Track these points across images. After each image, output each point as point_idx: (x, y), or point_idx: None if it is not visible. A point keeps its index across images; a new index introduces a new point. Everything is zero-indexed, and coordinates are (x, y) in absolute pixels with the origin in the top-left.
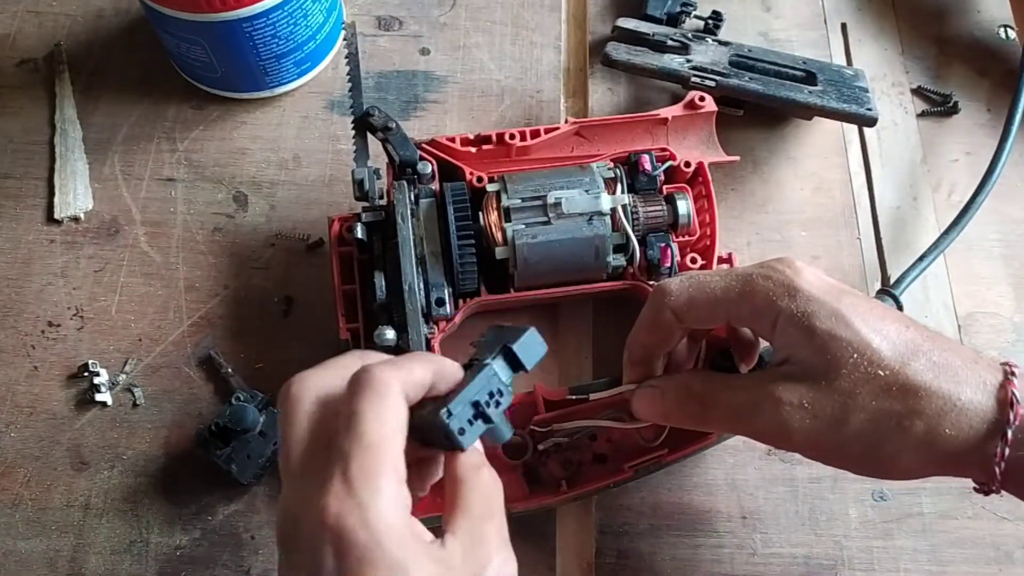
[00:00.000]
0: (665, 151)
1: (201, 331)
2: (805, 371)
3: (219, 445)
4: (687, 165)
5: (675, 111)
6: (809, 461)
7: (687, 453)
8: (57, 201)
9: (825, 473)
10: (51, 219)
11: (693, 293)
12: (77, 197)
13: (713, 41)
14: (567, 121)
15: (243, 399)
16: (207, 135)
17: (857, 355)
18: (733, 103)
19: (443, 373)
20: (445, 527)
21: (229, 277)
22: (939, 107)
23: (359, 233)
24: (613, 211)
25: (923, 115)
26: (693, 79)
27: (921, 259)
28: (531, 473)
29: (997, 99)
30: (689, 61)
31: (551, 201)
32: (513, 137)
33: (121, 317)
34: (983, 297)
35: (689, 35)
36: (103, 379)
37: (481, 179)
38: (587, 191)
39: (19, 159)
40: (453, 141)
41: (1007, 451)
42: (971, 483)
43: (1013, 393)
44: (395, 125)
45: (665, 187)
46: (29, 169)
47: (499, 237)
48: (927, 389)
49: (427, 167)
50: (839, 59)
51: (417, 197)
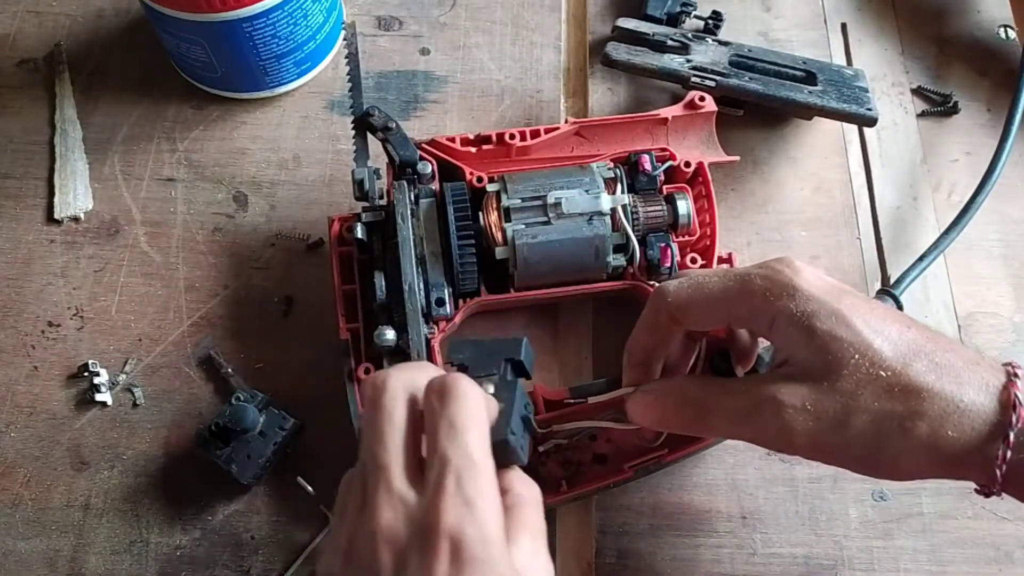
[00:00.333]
0: (665, 151)
1: (201, 331)
2: (805, 372)
3: (219, 445)
4: (687, 165)
5: (675, 111)
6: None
7: (687, 453)
8: (57, 201)
9: (825, 473)
10: (51, 219)
11: (691, 294)
12: (77, 197)
13: (713, 41)
14: (567, 121)
15: (243, 399)
16: (207, 135)
17: (858, 356)
18: (733, 103)
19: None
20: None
21: (229, 277)
22: (939, 107)
23: (359, 233)
24: (613, 211)
25: (923, 115)
26: (693, 79)
27: (921, 259)
28: (531, 473)
29: (997, 99)
30: (689, 61)
31: (551, 201)
32: (513, 137)
33: (121, 317)
34: (983, 297)
35: (689, 35)
36: (103, 379)
37: (481, 179)
38: (587, 191)
39: (19, 159)
40: (453, 141)
41: (1008, 453)
42: (972, 484)
43: (1016, 395)
44: (395, 125)
45: (665, 187)
46: (29, 169)
47: (499, 237)
48: (929, 390)
49: (427, 167)
50: (839, 59)
51: (417, 197)
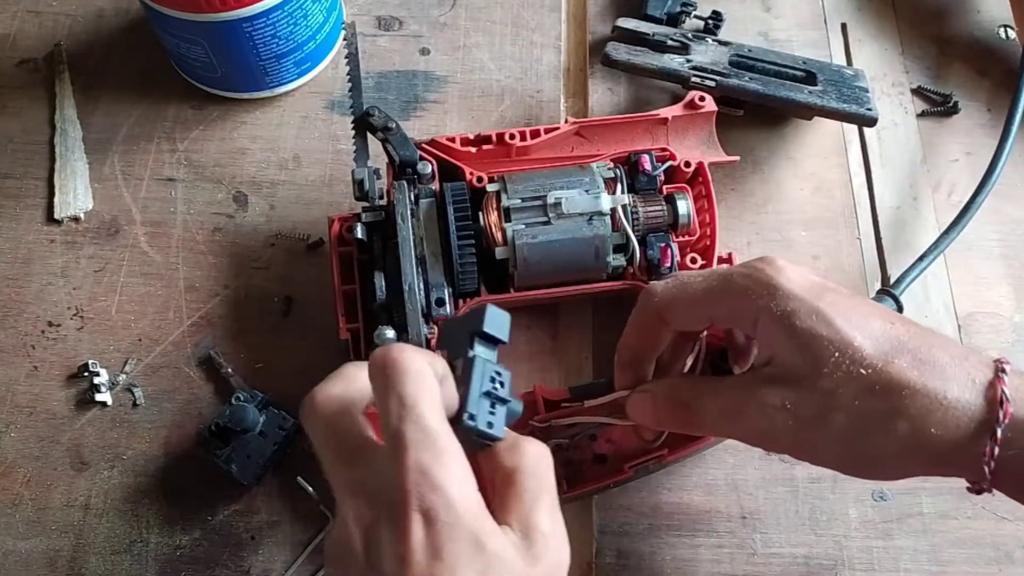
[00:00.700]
0: (665, 151)
1: (201, 331)
2: (787, 372)
3: (219, 445)
4: (687, 165)
5: (675, 111)
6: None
7: (687, 453)
8: (57, 201)
9: (825, 473)
10: (51, 219)
11: (676, 293)
12: (77, 197)
13: (713, 41)
14: (567, 121)
15: (243, 399)
16: (207, 135)
17: (839, 353)
18: (733, 103)
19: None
20: (502, 514)
21: (229, 277)
22: (939, 107)
23: (359, 233)
24: (613, 211)
25: (923, 115)
26: (693, 79)
27: (921, 259)
28: None
29: (997, 99)
30: (689, 61)
31: (551, 201)
32: (513, 137)
33: (121, 317)
34: (983, 297)
35: (689, 35)
36: (103, 379)
37: (481, 179)
38: (587, 191)
39: (19, 159)
40: (453, 141)
41: (996, 450)
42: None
43: (1003, 391)
44: (395, 125)
45: (665, 187)
46: (29, 169)
47: (499, 237)
48: (911, 387)
49: (427, 167)
50: (839, 59)
51: (417, 197)
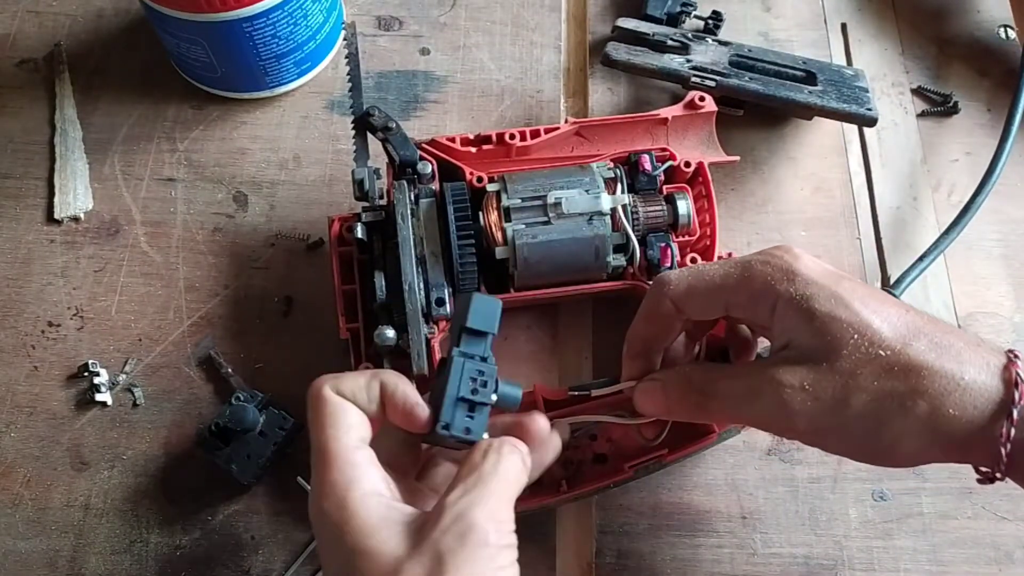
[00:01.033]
0: (665, 151)
1: (201, 331)
2: (805, 354)
3: (219, 445)
4: (687, 165)
5: (675, 111)
6: (809, 461)
7: (687, 453)
8: (57, 201)
9: (825, 473)
10: (51, 219)
11: (692, 281)
12: (77, 197)
13: (713, 41)
14: (567, 121)
15: (243, 399)
16: (207, 135)
17: (857, 336)
18: (733, 103)
19: (379, 374)
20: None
21: (229, 277)
22: (939, 107)
23: (359, 233)
24: (613, 211)
25: (923, 115)
26: (693, 79)
27: (921, 259)
28: None
29: (997, 99)
30: (689, 61)
31: (551, 201)
32: (513, 137)
33: (121, 317)
34: (983, 297)
35: (689, 35)
36: (103, 379)
37: (481, 179)
38: (587, 191)
39: (19, 159)
40: (453, 141)
41: (1012, 431)
42: (971, 482)
43: (1017, 373)
44: (395, 125)
45: (665, 187)
46: (29, 169)
47: (499, 237)
48: (930, 368)
49: (427, 167)
50: (839, 59)
51: (417, 197)
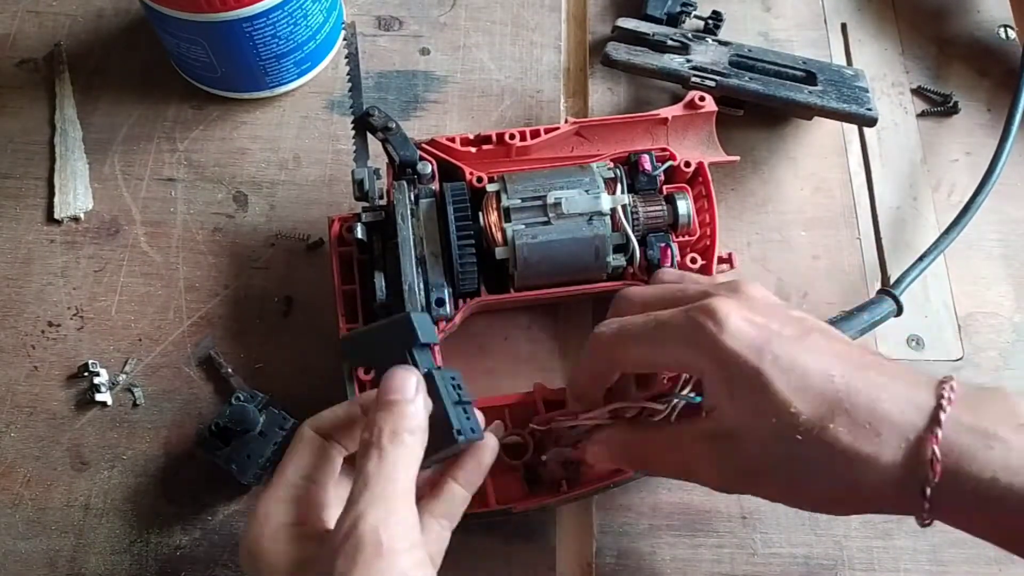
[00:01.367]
0: (665, 151)
1: (201, 331)
2: (730, 431)
3: (219, 445)
4: (687, 165)
5: (675, 111)
6: None
7: None
8: (57, 201)
9: None
10: (51, 219)
11: (621, 341)
12: (77, 197)
13: (713, 41)
14: (567, 121)
15: (243, 399)
16: (207, 135)
17: (776, 420)
18: (733, 103)
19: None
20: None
21: (229, 277)
22: (939, 107)
23: (359, 233)
24: (613, 211)
25: (923, 115)
26: (693, 79)
27: (921, 259)
28: (531, 473)
29: (997, 99)
30: (689, 61)
31: (551, 201)
32: (513, 137)
33: (121, 317)
34: (983, 297)
35: (689, 35)
36: (103, 379)
37: (481, 179)
38: (587, 191)
39: (19, 159)
40: (453, 141)
41: (927, 505)
42: None
43: (934, 450)
44: (395, 125)
45: (665, 187)
46: (29, 169)
47: (499, 237)
48: (845, 454)
49: (427, 167)
50: (839, 59)
51: (417, 197)
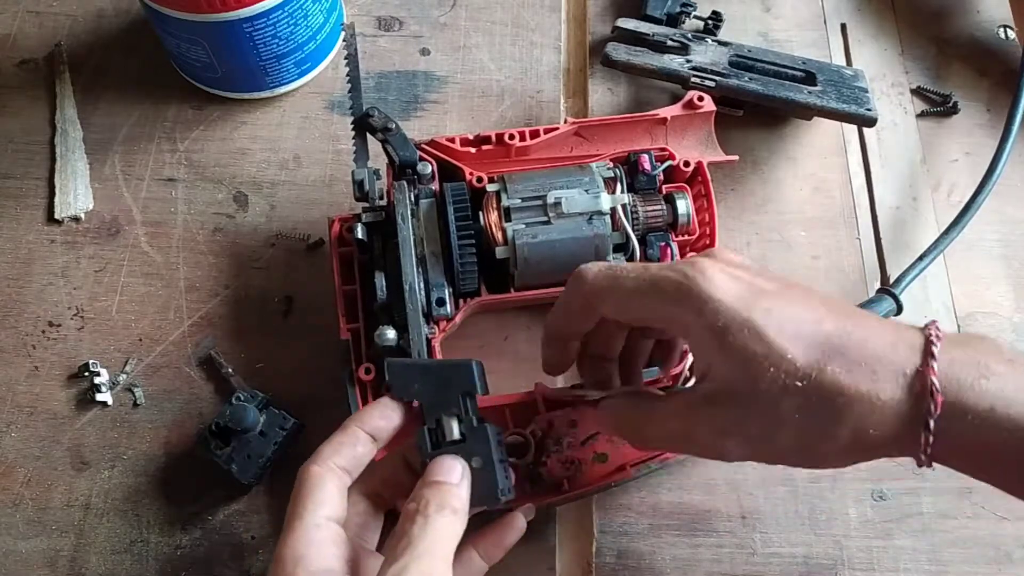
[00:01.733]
0: (664, 151)
1: (201, 331)
2: (727, 391)
3: (219, 445)
4: (686, 165)
5: (674, 111)
6: None
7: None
8: (57, 201)
9: (825, 473)
10: (51, 219)
11: (607, 285)
12: (77, 197)
13: (713, 41)
14: (567, 121)
15: (243, 399)
16: (207, 135)
17: (773, 368)
18: (733, 103)
19: (374, 428)
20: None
21: (229, 277)
22: (939, 107)
23: (359, 233)
24: (613, 211)
25: (923, 115)
26: (693, 79)
27: (921, 259)
28: (531, 473)
29: (997, 99)
30: (689, 61)
31: (551, 201)
32: (513, 137)
33: (121, 317)
34: (983, 297)
35: (689, 35)
36: (103, 379)
37: (481, 179)
38: (587, 191)
39: (19, 159)
40: (453, 141)
41: (931, 439)
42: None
43: (932, 381)
44: (395, 125)
45: (664, 187)
46: (29, 169)
47: (499, 237)
48: (845, 394)
49: (427, 167)
50: (839, 59)
51: (417, 197)
